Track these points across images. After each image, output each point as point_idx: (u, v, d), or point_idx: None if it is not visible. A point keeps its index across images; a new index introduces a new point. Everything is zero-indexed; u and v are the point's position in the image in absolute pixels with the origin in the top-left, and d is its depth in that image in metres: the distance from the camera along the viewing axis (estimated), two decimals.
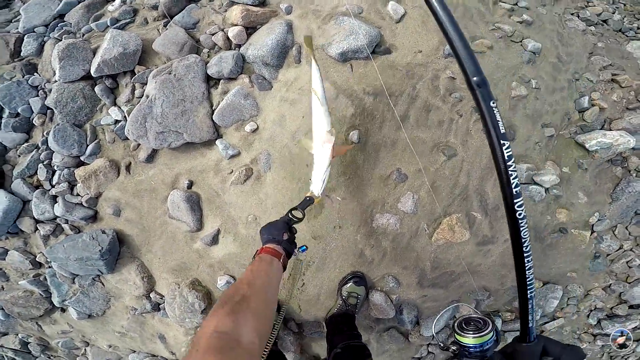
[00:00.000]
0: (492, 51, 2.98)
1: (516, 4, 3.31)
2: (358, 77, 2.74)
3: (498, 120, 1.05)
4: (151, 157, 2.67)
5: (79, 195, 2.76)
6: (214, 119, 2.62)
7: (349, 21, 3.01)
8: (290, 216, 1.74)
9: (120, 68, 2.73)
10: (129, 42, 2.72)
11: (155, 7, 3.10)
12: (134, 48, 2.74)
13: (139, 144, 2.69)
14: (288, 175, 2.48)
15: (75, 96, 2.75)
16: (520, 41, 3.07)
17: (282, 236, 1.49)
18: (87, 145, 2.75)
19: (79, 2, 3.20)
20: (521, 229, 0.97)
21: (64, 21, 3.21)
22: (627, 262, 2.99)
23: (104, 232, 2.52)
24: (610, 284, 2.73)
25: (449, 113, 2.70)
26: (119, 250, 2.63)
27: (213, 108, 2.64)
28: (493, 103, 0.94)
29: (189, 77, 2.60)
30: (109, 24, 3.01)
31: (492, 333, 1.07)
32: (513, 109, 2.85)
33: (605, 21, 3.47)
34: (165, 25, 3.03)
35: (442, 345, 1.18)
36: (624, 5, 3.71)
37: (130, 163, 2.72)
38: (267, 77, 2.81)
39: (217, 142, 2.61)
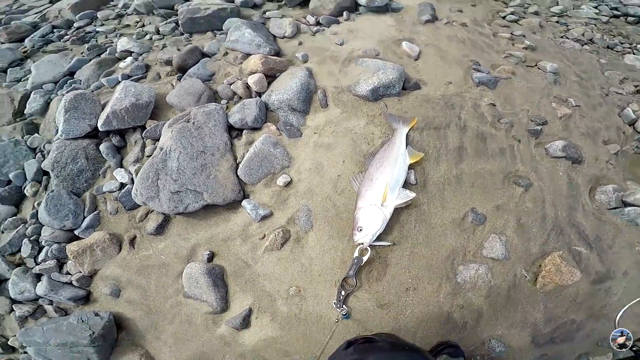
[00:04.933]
0: (517, 76, 2.56)
1: (512, 34, 3.11)
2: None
3: None
4: (162, 227, 1.83)
5: (69, 273, 1.92)
6: (239, 174, 1.91)
7: (371, 61, 2.45)
8: (342, 286, 1.41)
9: (131, 122, 2.00)
10: (142, 93, 2.02)
11: (168, 62, 2.45)
12: (147, 100, 2.03)
13: (147, 214, 1.84)
14: (335, 233, 1.74)
15: (77, 156, 2.02)
16: (535, 64, 2.74)
17: None
18: (84, 217, 1.97)
19: (91, 60, 2.47)
20: None
21: (74, 78, 2.62)
22: None
23: (97, 314, 1.78)
24: None
25: (505, 140, 2.01)
26: (116, 336, 1.85)
27: (237, 161, 1.83)
28: None
29: (210, 125, 1.84)
30: (120, 79, 2.43)
31: None
32: (567, 129, 2.30)
33: (591, 40, 3.29)
34: (179, 79, 2.32)
35: None
36: (595, 25, 3.56)
37: (136, 236, 1.88)
38: (294, 124, 2.08)
39: (244, 202, 1.86)
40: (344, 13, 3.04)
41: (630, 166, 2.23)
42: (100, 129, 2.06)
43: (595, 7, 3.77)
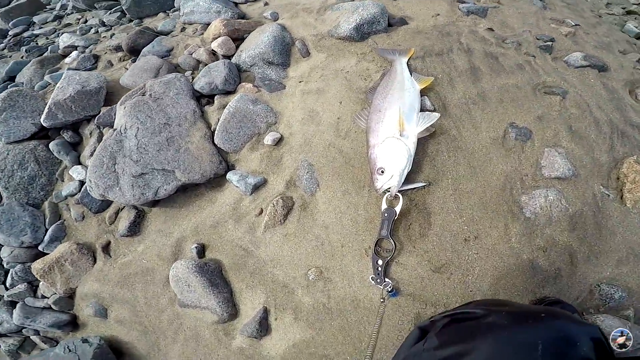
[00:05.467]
0: (504, 5, 2.21)
1: None
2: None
3: None
4: (136, 225, 1.44)
5: (45, 296, 1.57)
6: (216, 142, 1.51)
7: (347, 3, 2.14)
8: (376, 254, 1.09)
9: (81, 112, 1.60)
10: (89, 79, 1.63)
11: (118, 48, 2.06)
12: (96, 85, 1.62)
13: (117, 212, 1.42)
14: (349, 186, 1.34)
15: (25, 160, 1.62)
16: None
17: None
18: (46, 230, 1.56)
19: (31, 61, 2.05)
20: None
21: (15, 82, 2.20)
22: None
23: (85, 340, 1.43)
24: None
25: (518, 56, 1.76)
26: None
27: (212, 128, 1.34)
28: None
29: (170, 94, 1.45)
30: None
31: None
32: (577, 44, 1.96)
33: None
34: (134, 62, 1.88)
35: None
36: None
37: (110, 242, 1.48)
38: (274, 78, 1.69)
39: (229, 174, 1.46)
40: None
41: None
42: (45, 125, 1.62)
43: None
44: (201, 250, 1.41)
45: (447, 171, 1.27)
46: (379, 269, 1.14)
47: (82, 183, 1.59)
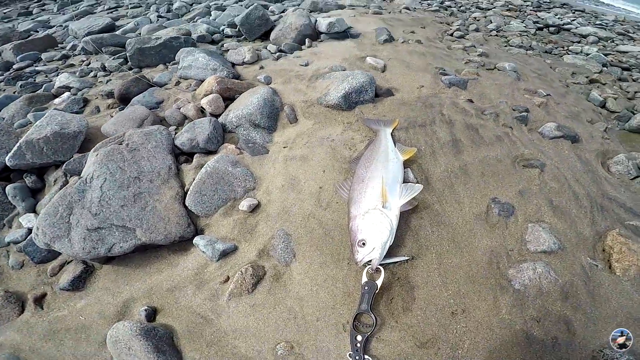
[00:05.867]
0: (482, 77, 2.50)
1: (464, 45, 3.22)
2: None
3: None
4: (80, 280, 1.29)
5: None
6: (187, 204, 1.42)
7: (339, 72, 2.25)
8: (355, 329, 1.00)
9: (52, 155, 1.51)
10: (70, 121, 1.60)
11: (110, 95, 2.05)
12: (75, 129, 1.59)
13: (62, 265, 1.23)
14: (328, 258, 1.25)
15: None
16: (494, 67, 2.76)
17: None
18: None
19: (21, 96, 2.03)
20: None
21: None
22: None
23: None
24: None
25: (496, 128, 1.80)
26: None
27: (186, 189, 1.28)
28: None
29: (149, 146, 1.39)
30: None
31: None
32: (549, 114, 2.14)
33: (530, 46, 3.56)
34: (121, 110, 1.86)
35: None
36: (527, 36, 3.91)
37: (46, 294, 1.36)
38: (258, 141, 1.68)
39: (196, 239, 1.34)
40: (306, 40, 2.90)
41: (623, 140, 2.07)
42: (8, 165, 1.50)
43: (522, 22, 4.31)
44: (151, 314, 1.23)
45: (431, 246, 1.19)
46: (358, 345, 1.01)
47: (30, 231, 1.42)
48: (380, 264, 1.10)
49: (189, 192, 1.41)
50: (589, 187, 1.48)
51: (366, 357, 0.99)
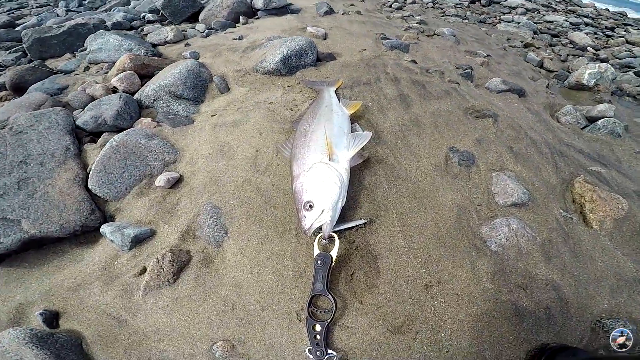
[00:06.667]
0: (422, 42, 2.44)
1: (403, 15, 3.23)
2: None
3: None
4: None
5: None
6: (90, 186, 1.08)
7: (276, 40, 2.08)
8: (311, 316, 0.82)
9: None
10: None
11: (2, 87, 1.56)
12: None
13: None
14: (270, 230, 1.01)
15: None
16: (434, 34, 2.73)
17: None
18: None
19: None
20: None
21: None
22: None
23: None
24: None
25: (443, 84, 1.78)
26: None
27: (88, 170, 0.95)
28: None
29: (39, 128, 1.09)
30: None
31: None
32: (493, 71, 2.14)
33: (466, 16, 3.70)
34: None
35: None
36: (461, 8, 4.09)
37: None
38: (181, 112, 1.35)
39: (103, 227, 1.04)
40: (241, 18, 2.63)
41: (565, 96, 2.10)
42: None
43: None
44: (51, 318, 0.93)
45: (390, 205, 1.00)
46: (317, 336, 0.79)
47: None
48: (334, 231, 0.89)
49: (91, 172, 1.11)
50: (545, 135, 1.42)
51: (330, 352, 0.77)
